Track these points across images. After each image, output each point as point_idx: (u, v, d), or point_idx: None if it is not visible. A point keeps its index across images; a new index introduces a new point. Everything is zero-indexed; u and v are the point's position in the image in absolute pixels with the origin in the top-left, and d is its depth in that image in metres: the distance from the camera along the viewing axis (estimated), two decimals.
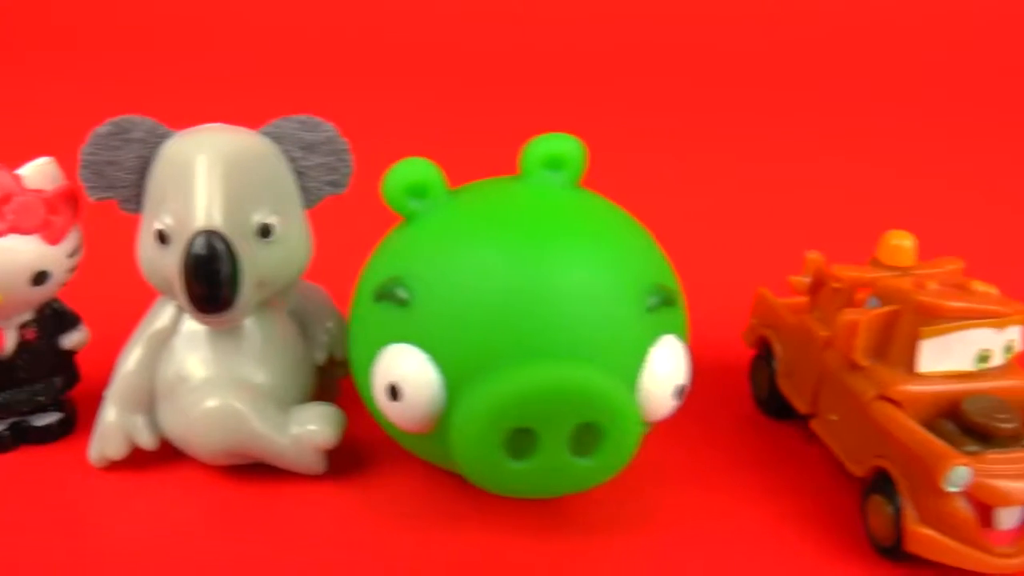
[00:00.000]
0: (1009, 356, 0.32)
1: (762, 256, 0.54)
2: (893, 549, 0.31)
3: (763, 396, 0.39)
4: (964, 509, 0.29)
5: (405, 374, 0.29)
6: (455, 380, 0.29)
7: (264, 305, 0.35)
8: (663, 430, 0.37)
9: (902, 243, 0.34)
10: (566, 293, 0.29)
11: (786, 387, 0.38)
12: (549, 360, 0.28)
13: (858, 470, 0.33)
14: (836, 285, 0.35)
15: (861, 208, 0.66)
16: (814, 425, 0.36)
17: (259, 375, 0.34)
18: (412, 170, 0.32)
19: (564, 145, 0.32)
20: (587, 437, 0.29)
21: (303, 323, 0.37)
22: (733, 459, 0.37)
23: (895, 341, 0.32)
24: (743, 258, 0.56)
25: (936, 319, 0.31)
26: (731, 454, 0.37)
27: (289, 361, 0.35)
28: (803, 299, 0.38)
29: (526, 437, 0.29)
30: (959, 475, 0.29)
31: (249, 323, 0.35)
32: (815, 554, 0.32)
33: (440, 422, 0.30)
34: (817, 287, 0.36)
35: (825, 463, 0.37)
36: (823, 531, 0.33)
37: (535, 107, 0.85)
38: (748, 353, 0.41)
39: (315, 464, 0.34)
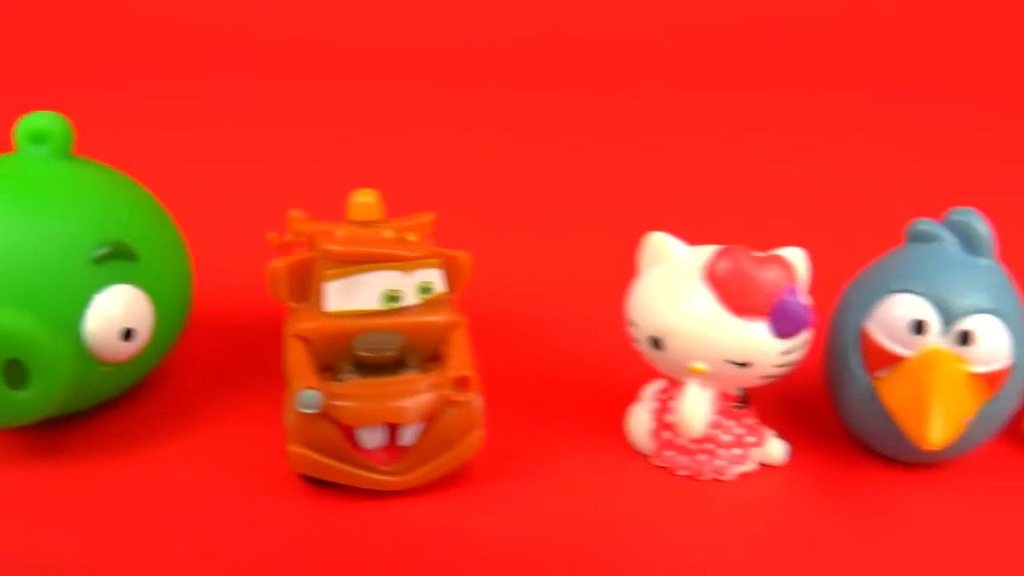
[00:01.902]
0: (427, 296, 0.36)
1: None
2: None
3: None
4: (329, 429, 0.33)
5: None
6: None
7: None
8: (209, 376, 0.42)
9: (365, 200, 0.38)
10: (5, 246, 0.34)
11: None
12: None
13: None
14: (299, 239, 0.39)
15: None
16: None
17: None
18: None
19: (43, 121, 0.38)
20: (18, 371, 0.34)
21: None
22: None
23: (313, 285, 0.37)
24: None
25: (337, 263, 0.36)
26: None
27: None
28: None
29: None
30: (306, 398, 0.33)
31: None
32: (247, 484, 0.35)
33: None
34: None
35: None
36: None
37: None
38: None
39: None
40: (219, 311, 0.46)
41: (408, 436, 0.34)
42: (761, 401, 0.39)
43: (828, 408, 0.39)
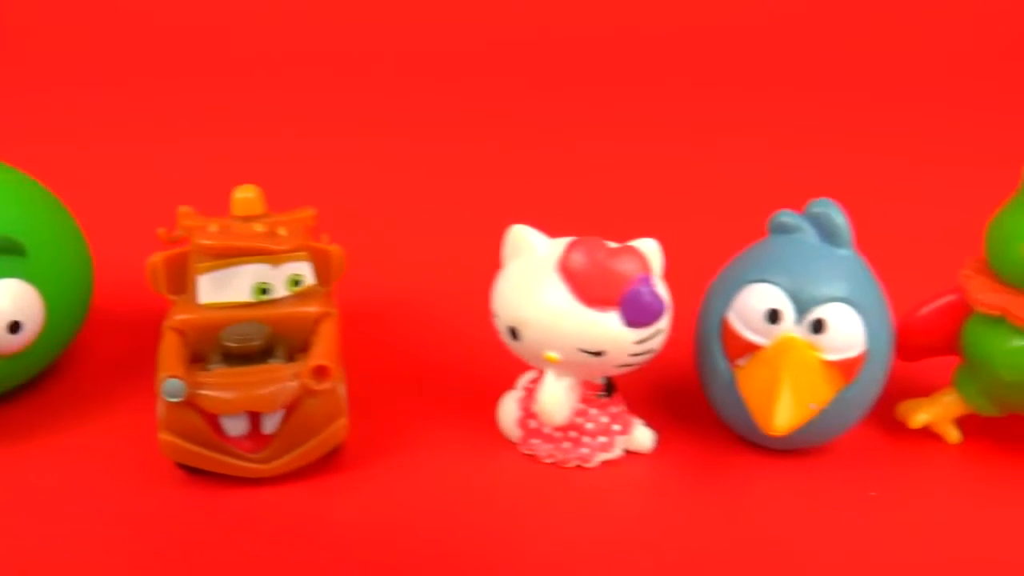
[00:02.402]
0: (298, 288, 0.38)
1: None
2: None
3: None
4: (194, 417, 0.35)
5: None
6: None
7: None
8: None
9: (246, 195, 0.40)
10: None
11: None
12: None
13: None
14: (188, 234, 0.40)
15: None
16: None
17: None
18: None
19: None
20: None
21: None
22: None
23: (189, 278, 0.38)
24: None
25: (209, 257, 0.37)
26: None
27: None
28: None
29: None
30: (170, 386, 0.34)
31: None
32: (131, 473, 0.37)
33: None
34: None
35: None
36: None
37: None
38: None
39: None
40: (120, 306, 0.48)
41: (270, 424, 0.35)
42: (634, 390, 0.40)
43: (700, 396, 0.41)
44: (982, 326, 0.38)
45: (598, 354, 0.35)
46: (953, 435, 0.40)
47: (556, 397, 0.36)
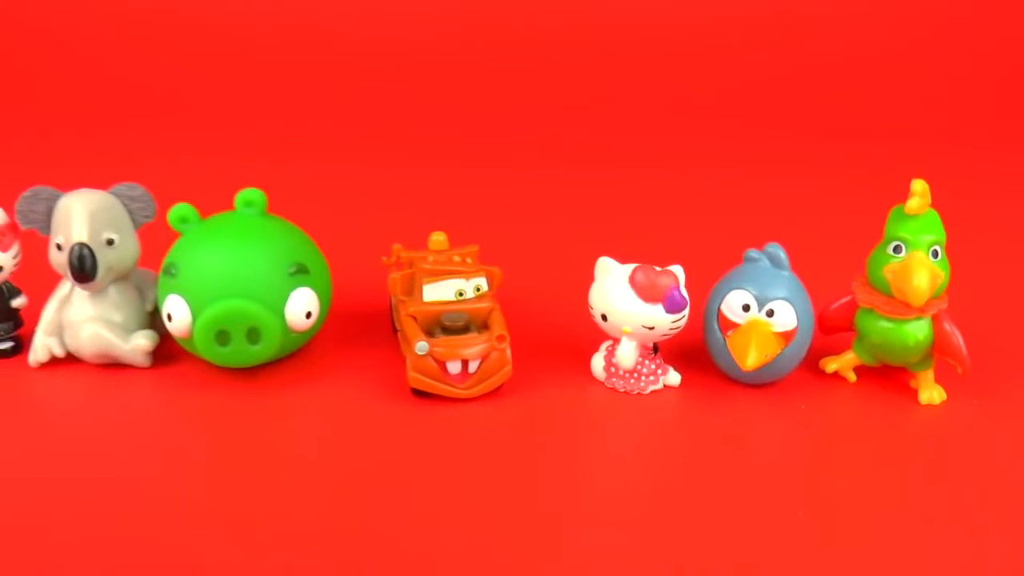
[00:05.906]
0: (480, 292, 0.72)
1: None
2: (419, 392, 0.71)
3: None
4: (430, 363, 0.69)
5: (173, 308, 0.70)
6: (194, 310, 0.69)
7: (117, 279, 0.75)
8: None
9: (438, 238, 0.75)
10: (239, 266, 0.69)
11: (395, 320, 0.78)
12: (230, 299, 0.68)
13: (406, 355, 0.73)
14: (399, 261, 0.74)
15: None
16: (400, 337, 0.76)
17: (116, 316, 0.74)
18: (178, 209, 0.72)
19: (251, 194, 0.73)
20: (254, 334, 0.69)
21: (141, 288, 0.77)
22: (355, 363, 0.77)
23: (415, 287, 0.72)
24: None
25: (426, 275, 0.71)
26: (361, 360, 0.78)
27: (132, 308, 0.76)
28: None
29: (225, 334, 0.68)
30: (422, 346, 0.68)
31: (111, 289, 0.75)
32: (378, 397, 0.72)
33: (190, 332, 0.70)
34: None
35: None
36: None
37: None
38: None
39: (143, 361, 0.74)
40: (344, 305, 0.83)
41: (473, 367, 0.70)
42: (670, 350, 0.75)
43: (705, 354, 0.75)
44: (864, 314, 0.73)
45: (651, 328, 0.69)
46: (852, 377, 0.76)
47: (628, 353, 0.70)
